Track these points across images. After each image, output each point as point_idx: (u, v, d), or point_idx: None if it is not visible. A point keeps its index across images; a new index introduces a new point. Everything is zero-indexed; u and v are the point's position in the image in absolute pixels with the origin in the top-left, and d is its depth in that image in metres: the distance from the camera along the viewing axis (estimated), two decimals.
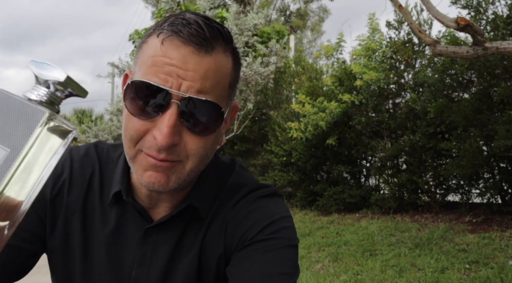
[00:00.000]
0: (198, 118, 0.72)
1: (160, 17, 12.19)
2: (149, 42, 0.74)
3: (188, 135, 0.72)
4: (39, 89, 0.43)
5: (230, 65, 0.77)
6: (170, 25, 0.71)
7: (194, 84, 0.70)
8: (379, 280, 4.41)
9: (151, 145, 0.71)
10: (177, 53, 0.70)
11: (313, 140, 8.33)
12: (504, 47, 3.65)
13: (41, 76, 0.43)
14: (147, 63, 0.72)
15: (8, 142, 0.39)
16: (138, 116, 0.71)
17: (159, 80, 0.69)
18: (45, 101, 0.42)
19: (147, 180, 0.74)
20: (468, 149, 5.80)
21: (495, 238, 5.15)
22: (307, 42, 29.84)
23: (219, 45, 0.74)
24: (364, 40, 8.29)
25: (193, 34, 0.70)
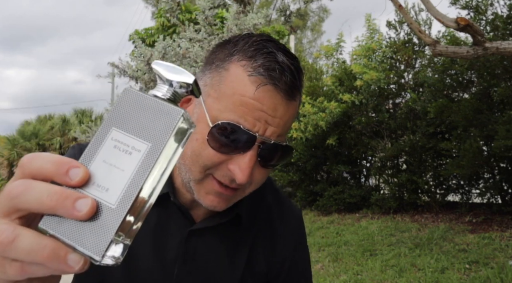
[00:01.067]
0: (273, 157, 0.77)
1: (160, 17, 12.21)
2: (234, 74, 0.74)
3: (257, 169, 0.76)
4: (164, 88, 0.45)
5: (299, 103, 0.82)
6: (266, 70, 0.72)
7: (277, 130, 0.74)
8: (379, 280, 4.41)
9: (225, 174, 0.74)
10: (270, 99, 0.72)
11: (313, 140, 8.33)
12: (504, 47, 3.65)
13: (170, 78, 0.45)
14: (234, 101, 0.72)
15: (149, 136, 0.41)
16: (218, 150, 0.73)
17: (247, 124, 0.71)
18: (170, 99, 0.44)
19: (209, 203, 0.77)
20: (468, 149, 5.80)
21: (495, 238, 5.15)
22: (307, 42, 29.84)
23: (300, 91, 0.79)
24: (363, 40, 8.29)
25: (288, 84, 0.73)
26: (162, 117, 0.42)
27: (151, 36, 13.32)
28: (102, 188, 0.40)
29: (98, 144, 0.41)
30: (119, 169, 0.40)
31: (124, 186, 0.39)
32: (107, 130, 0.42)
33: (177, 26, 11.42)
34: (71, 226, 0.38)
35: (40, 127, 20.67)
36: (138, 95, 0.43)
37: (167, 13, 9.86)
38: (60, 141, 19.90)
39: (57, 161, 0.40)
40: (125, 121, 0.42)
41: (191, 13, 12.05)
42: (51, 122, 21.11)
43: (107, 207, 0.39)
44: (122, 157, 0.40)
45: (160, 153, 0.41)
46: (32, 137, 20.05)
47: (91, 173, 0.40)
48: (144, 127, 0.42)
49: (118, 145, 0.41)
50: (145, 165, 0.40)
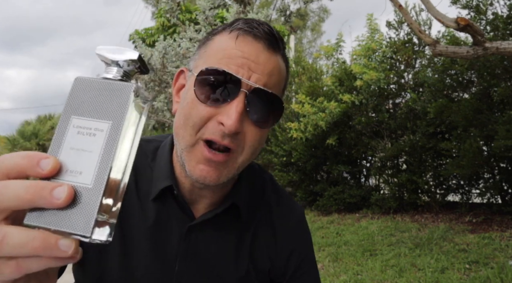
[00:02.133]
0: (262, 109, 0.77)
1: (160, 17, 12.21)
2: (217, 39, 0.80)
3: (249, 126, 0.77)
4: (113, 70, 0.47)
5: (285, 70, 0.84)
6: (244, 23, 0.79)
7: (262, 78, 0.76)
8: (379, 280, 4.41)
9: (215, 130, 0.75)
10: (250, 47, 0.77)
11: (313, 140, 8.33)
12: (504, 47, 3.65)
13: (115, 58, 0.46)
14: (217, 56, 0.77)
15: (108, 115, 0.43)
16: (205, 102, 0.75)
17: (231, 70, 0.74)
18: (122, 79, 0.46)
19: (199, 173, 0.77)
20: (468, 149, 5.79)
21: (495, 238, 5.15)
22: (307, 42, 29.83)
23: (282, 49, 0.82)
24: (363, 40, 8.29)
25: (266, 32, 0.78)
26: (116, 95, 0.44)
27: (151, 36, 13.32)
28: (76, 172, 0.42)
29: (61, 133, 0.43)
30: (87, 151, 0.42)
31: (96, 164, 0.42)
32: (67, 119, 0.44)
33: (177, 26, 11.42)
34: (55, 214, 0.40)
35: (40, 127, 20.67)
36: (90, 81, 0.45)
37: (167, 13, 9.86)
38: None
39: (27, 155, 0.41)
40: (82, 107, 0.44)
41: (191, 13, 12.05)
42: (51, 122, 21.11)
43: (85, 188, 0.41)
44: (87, 140, 0.43)
45: (121, 127, 0.43)
46: (32, 137, 20.05)
47: (61, 161, 0.42)
48: (101, 108, 0.43)
49: (81, 130, 0.43)
50: (110, 141, 0.42)
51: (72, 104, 0.44)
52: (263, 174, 1.01)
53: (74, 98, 0.44)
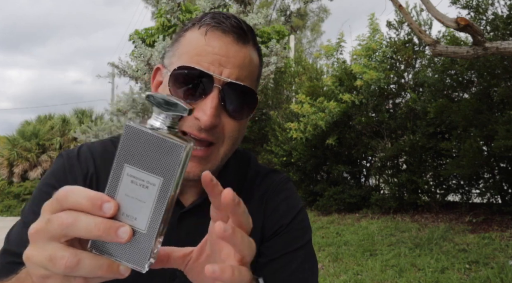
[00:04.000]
0: (236, 101, 0.79)
1: (160, 17, 12.21)
2: (188, 35, 0.83)
3: (226, 119, 0.80)
4: (160, 118, 0.50)
5: (258, 59, 0.86)
6: (212, 18, 0.81)
7: (233, 72, 0.78)
8: (379, 280, 4.41)
9: (192, 124, 0.77)
10: (219, 41, 0.79)
11: (313, 140, 8.33)
12: (504, 47, 3.65)
13: (168, 108, 0.50)
14: (189, 53, 0.79)
15: (159, 171, 0.48)
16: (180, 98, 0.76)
17: (202, 68, 0.77)
18: (169, 127, 0.50)
19: None
20: (468, 149, 5.80)
21: (495, 238, 5.15)
22: (306, 42, 29.83)
23: (251, 40, 0.84)
24: (364, 40, 8.29)
25: (234, 25, 0.80)
26: (167, 153, 0.48)
27: (151, 36, 13.32)
28: (131, 217, 0.48)
29: (116, 179, 0.49)
30: (141, 201, 0.48)
31: (149, 214, 0.48)
32: (121, 166, 0.49)
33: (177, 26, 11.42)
34: (116, 248, 0.49)
35: (40, 127, 20.66)
36: (140, 132, 0.48)
37: (167, 13, 9.86)
38: (60, 141, 19.88)
39: (91, 197, 0.47)
40: (134, 158, 0.48)
41: (191, 13, 12.04)
42: (51, 122, 21.10)
43: (139, 233, 0.48)
44: (140, 190, 0.48)
45: (172, 185, 0.48)
46: (32, 137, 20.04)
47: (119, 205, 0.48)
48: (152, 163, 0.48)
49: (135, 180, 0.48)
50: (161, 196, 0.48)
51: (124, 153, 0.49)
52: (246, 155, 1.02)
53: (125, 146, 0.48)
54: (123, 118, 12.05)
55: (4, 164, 19.78)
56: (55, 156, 19.57)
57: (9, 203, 18.89)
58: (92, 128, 13.07)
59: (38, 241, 0.48)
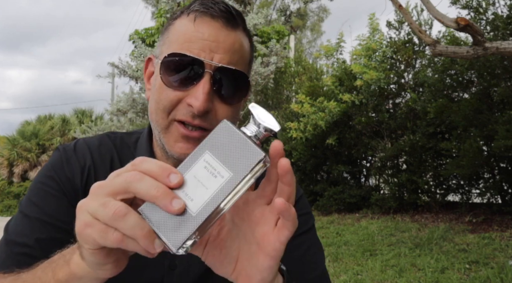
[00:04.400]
0: (229, 86, 0.80)
1: (160, 17, 12.21)
2: (177, 23, 0.83)
3: (218, 104, 0.80)
4: (253, 128, 0.56)
5: (249, 44, 0.86)
6: (200, 5, 0.80)
7: (224, 56, 0.78)
8: (379, 280, 4.41)
9: (185, 111, 0.78)
10: (208, 27, 0.79)
11: (313, 140, 8.33)
12: (504, 47, 3.65)
13: (262, 123, 0.55)
14: (178, 40, 0.80)
15: (232, 167, 0.52)
16: (172, 86, 0.78)
17: (192, 54, 0.77)
18: (255, 138, 0.55)
19: (178, 151, 0.80)
20: (468, 149, 5.79)
21: (495, 238, 5.15)
22: (306, 42, 29.83)
23: (241, 24, 0.83)
24: (364, 40, 8.29)
25: (222, 10, 0.80)
26: (246, 155, 0.52)
27: (151, 36, 13.32)
28: (189, 197, 0.51)
29: (193, 160, 0.53)
30: (204, 187, 0.52)
31: (205, 201, 0.51)
32: (202, 151, 0.54)
33: None
34: (161, 219, 0.51)
35: (40, 127, 20.66)
36: (232, 130, 0.54)
37: (167, 13, 9.86)
38: (60, 141, 19.88)
39: (162, 165, 0.52)
40: (217, 149, 0.53)
41: None
42: (51, 122, 21.10)
43: (189, 213, 0.51)
44: (209, 177, 0.52)
45: (237, 183, 0.52)
46: (32, 137, 20.04)
47: (184, 181, 0.52)
48: (230, 158, 0.53)
49: (208, 166, 0.53)
50: (224, 189, 0.52)
51: (211, 141, 0.54)
52: None
53: (214, 137, 0.54)
54: (123, 118, 12.05)
55: (4, 164, 19.78)
56: None
57: (9, 203, 18.90)
58: (92, 128, 13.08)
59: (98, 193, 0.52)
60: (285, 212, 0.52)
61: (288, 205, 0.52)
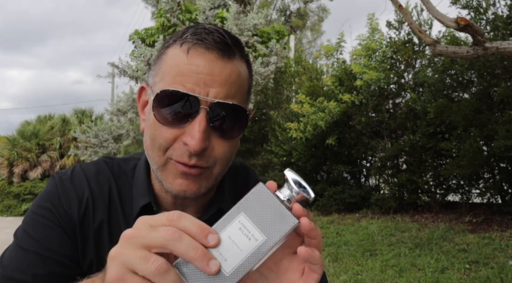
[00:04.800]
0: (226, 122, 0.75)
1: (160, 17, 12.21)
2: (170, 53, 0.77)
3: (215, 140, 0.76)
4: (286, 193, 0.58)
5: (246, 71, 0.81)
6: (193, 35, 0.75)
7: (220, 90, 0.74)
8: (379, 280, 4.41)
9: (182, 152, 0.74)
10: (203, 59, 0.74)
11: (313, 140, 8.34)
12: (504, 47, 3.65)
13: (297, 190, 0.58)
14: (171, 73, 0.75)
15: (266, 231, 0.55)
16: (167, 124, 0.74)
17: (186, 89, 0.72)
18: (288, 202, 0.57)
19: (178, 188, 0.76)
20: (468, 149, 5.79)
21: (495, 238, 5.15)
22: (306, 42, 29.83)
23: (238, 52, 0.78)
24: (364, 40, 8.29)
25: (217, 41, 0.74)
26: (280, 221, 0.55)
27: (151, 36, 13.32)
28: (223, 257, 0.53)
29: (229, 220, 0.56)
30: (238, 248, 0.54)
31: (239, 263, 0.53)
32: (238, 212, 0.56)
33: (177, 26, 11.42)
34: (196, 277, 0.53)
35: (40, 127, 20.65)
36: (267, 194, 0.57)
37: (167, 13, 9.86)
38: (60, 141, 19.87)
39: (201, 225, 0.53)
40: (252, 212, 0.56)
41: (191, 13, 12.05)
42: (51, 122, 21.09)
43: (223, 273, 0.53)
44: (243, 239, 0.54)
45: (271, 247, 0.54)
46: (32, 137, 20.04)
47: (220, 241, 0.54)
48: (265, 222, 0.55)
49: (243, 228, 0.55)
50: (258, 252, 0.54)
51: (246, 203, 0.56)
52: (244, 170, 0.99)
53: (250, 199, 0.56)
54: (123, 118, 12.05)
55: (4, 164, 19.77)
56: (55, 156, 19.57)
57: (9, 203, 18.90)
58: (92, 128, 13.07)
59: (131, 244, 0.52)
60: (310, 258, 0.54)
61: (312, 251, 0.55)
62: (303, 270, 0.58)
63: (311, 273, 0.56)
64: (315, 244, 0.57)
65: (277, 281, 0.60)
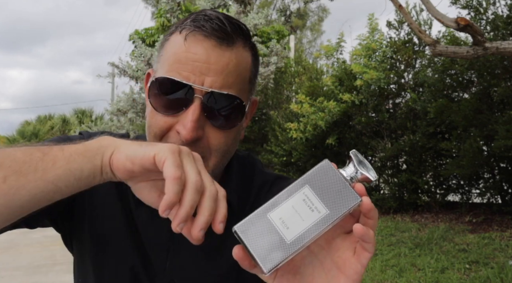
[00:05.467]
0: (221, 112, 0.74)
1: (160, 17, 12.22)
2: (171, 40, 0.77)
3: (210, 130, 0.75)
4: (350, 171, 0.59)
5: (250, 59, 0.79)
6: (193, 21, 0.75)
7: (217, 79, 0.72)
8: (379, 280, 4.41)
9: (175, 140, 0.73)
10: (200, 47, 0.73)
11: (313, 140, 8.33)
12: (504, 47, 3.65)
13: (362, 170, 0.59)
14: (169, 60, 0.74)
15: (330, 205, 0.56)
16: (162, 112, 0.74)
17: (182, 77, 0.71)
18: (351, 180, 0.58)
19: None
20: (468, 149, 5.79)
21: (495, 238, 5.15)
22: (306, 42, 29.83)
23: (239, 40, 0.76)
24: (364, 40, 8.29)
25: (215, 28, 0.73)
26: (344, 197, 0.56)
27: (151, 36, 13.32)
28: (285, 224, 0.55)
29: (292, 191, 0.57)
30: (301, 218, 0.55)
31: (300, 232, 0.55)
32: (302, 185, 0.57)
33: None
34: (257, 240, 0.54)
35: (40, 127, 20.67)
36: (333, 171, 0.58)
37: (167, 13, 9.87)
38: None
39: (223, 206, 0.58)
40: (317, 185, 0.57)
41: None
42: (51, 122, 21.11)
43: (283, 240, 0.54)
44: (306, 210, 0.56)
45: (333, 221, 0.55)
46: (32, 138, 20.06)
47: (281, 210, 0.56)
48: (329, 196, 0.56)
49: (306, 200, 0.56)
50: (320, 224, 0.55)
51: (311, 177, 0.57)
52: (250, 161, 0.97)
53: (315, 174, 0.57)
54: (123, 118, 12.05)
55: None
56: None
57: None
58: (92, 128, 13.07)
59: (191, 162, 0.58)
60: (365, 236, 0.55)
61: (367, 229, 0.56)
62: (355, 249, 0.59)
63: (363, 251, 0.57)
64: (371, 224, 0.58)
65: (328, 258, 0.60)
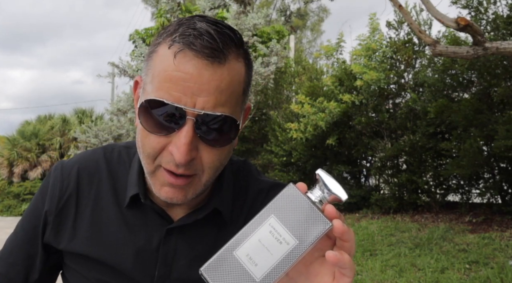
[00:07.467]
0: (214, 132, 0.71)
1: (160, 17, 12.21)
2: (160, 53, 0.73)
3: (204, 149, 0.72)
4: (317, 194, 0.56)
5: (243, 70, 0.76)
6: (182, 37, 0.70)
7: (209, 99, 0.69)
8: (379, 280, 4.41)
9: (169, 160, 0.71)
10: (191, 66, 0.68)
11: (313, 140, 8.33)
12: (504, 47, 3.65)
13: (330, 191, 0.55)
14: (159, 77, 0.71)
15: (298, 235, 0.52)
16: (154, 133, 0.71)
17: (173, 98, 0.68)
18: (320, 203, 0.55)
19: (164, 195, 0.75)
20: (468, 149, 5.79)
21: (495, 238, 5.15)
22: (306, 42, 29.83)
23: (231, 53, 0.72)
24: (364, 40, 8.29)
25: (206, 46, 0.68)
26: (313, 224, 0.53)
27: (151, 36, 13.32)
28: (253, 261, 0.52)
29: (258, 223, 0.54)
30: (269, 252, 0.52)
31: (269, 267, 0.52)
32: (268, 215, 0.54)
33: None
34: (224, 282, 0.51)
35: (40, 127, 20.65)
36: (298, 195, 0.54)
37: (167, 13, 9.86)
38: (60, 141, 19.86)
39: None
40: (283, 214, 0.53)
41: (191, 13, 12.06)
42: (51, 122, 21.08)
43: (253, 279, 0.51)
44: (274, 243, 0.52)
45: (303, 252, 0.52)
46: (32, 137, 20.04)
47: (247, 245, 0.53)
48: (297, 225, 0.53)
49: (273, 231, 0.53)
50: (290, 257, 0.52)
51: (276, 206, 0.54)
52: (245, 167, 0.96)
53: (280, 202, 0.54)
54: (123, 118, 12.04)
55: (4, 164, 19.77)
56: (55, 156, 19.58)
57: (9, 203, 18.88)
58: (92, 128, 13.06)
59: None
60: (339, 263, 0.53)
61: (341, 254, 0.53)
62: (334, 274, 0.57)
63: (342, 277, 0.55)
64: (347, 247, 0.55)
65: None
